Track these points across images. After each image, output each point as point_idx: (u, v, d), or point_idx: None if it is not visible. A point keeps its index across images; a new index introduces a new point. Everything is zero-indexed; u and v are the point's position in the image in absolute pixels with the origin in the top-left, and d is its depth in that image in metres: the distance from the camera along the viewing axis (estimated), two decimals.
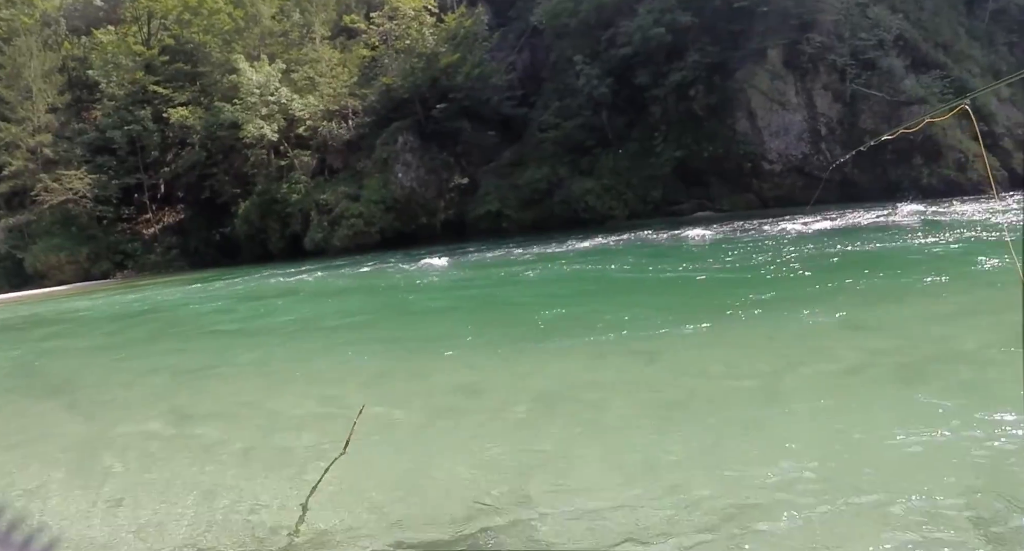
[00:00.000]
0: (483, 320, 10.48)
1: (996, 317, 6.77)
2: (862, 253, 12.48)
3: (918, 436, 4.06)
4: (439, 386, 6.54)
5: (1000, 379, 4.90)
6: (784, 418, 4.65)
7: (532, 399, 5.75)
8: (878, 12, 28.12)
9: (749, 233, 18.53)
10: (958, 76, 28.57)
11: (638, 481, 3.91)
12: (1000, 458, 3.68)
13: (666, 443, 4.42)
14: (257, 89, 31.94)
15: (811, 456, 3.95)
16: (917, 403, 4.65)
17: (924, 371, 5.45)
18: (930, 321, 7.08)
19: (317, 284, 19.42)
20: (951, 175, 27.08)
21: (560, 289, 12.75)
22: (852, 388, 5.15)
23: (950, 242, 12.48)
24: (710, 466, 3.98)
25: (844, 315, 7.50)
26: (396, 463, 4.59)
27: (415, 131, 29.99)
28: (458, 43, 30.28)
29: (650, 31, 27.12)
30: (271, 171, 32.37)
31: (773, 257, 12.88)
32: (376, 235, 29.12)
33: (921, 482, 3.50)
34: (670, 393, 5.51)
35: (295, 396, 6.77)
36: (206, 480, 4.63)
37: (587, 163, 27.84)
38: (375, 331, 10.67)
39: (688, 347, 6.94)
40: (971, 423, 4.14)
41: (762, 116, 27.21)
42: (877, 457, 3.86)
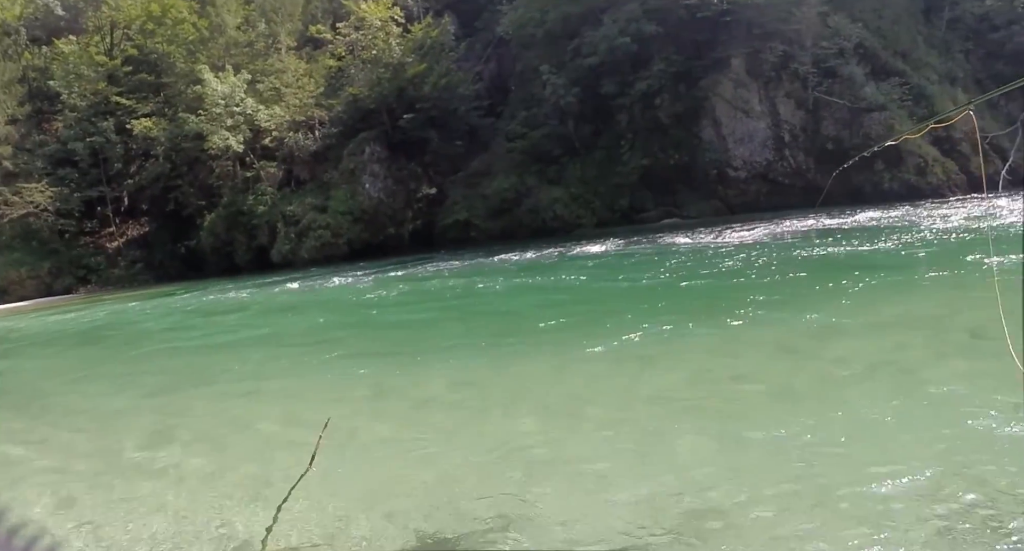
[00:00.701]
0: (448, 331, 10.44)
1: (964, 317, 6.91)
2: (834, 257, 12.64)
3: (887, 435, 4.09)
4: (405, 398, 6.51)
5: (967, 378, 4.99)
6: (755, 419, 4.69)
7: (500, 409, 5.75)
8: (838, 21, 28.64)
9: (717, 239, 18.70)
10: (917, 83, 29.19)
11: (610, 485, 3.92)
12: (971, 455, 3.71)
13: (636, 450, 4.43)
14: (222, 100, 31.53)
15: (780, 457, 3.97)
16: (885, 403, 4.68)
17: (892, 371, 5.50)
18: (900, 322, 7.15)
19: (283, 297, 19.18)
20: (911, 179, 27.62)
21: (528, 298, 12.74)
22: (822, 390, 5.19)
23: (920, 244, 12.70)
24: (682, 468, 4.00)
25: (815, 318, 7.58)
26: (363, 477, 4.56)
27: (382, 141, 29.83)
28: (424, 53, 30.22)
29: (616, 41, 27.30)
30: (237, 183, 31.95)
31: (742, 263, 13.00)
32: (344, 246, 28.85)
33: (893, 481, 3.51)
34: (643, 401, 5.53)
35: (261, 412, 6.68)
36: (172, 499, 4.55)
37: (554, 172, 27.90)
38: (340, 345, 10.56)
39: (659, 353, 6.98)
40: (939, 421, 4.20)
41: (727, 124, 27.50)
42: (848, 457, 3.88)
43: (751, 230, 19.60)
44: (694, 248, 17.58)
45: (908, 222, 17.62)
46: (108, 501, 4.69)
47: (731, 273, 12.01)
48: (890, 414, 4.45)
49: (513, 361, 7.44)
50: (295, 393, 7.33)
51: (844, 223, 19.00)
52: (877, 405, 4.62)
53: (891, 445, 3.96)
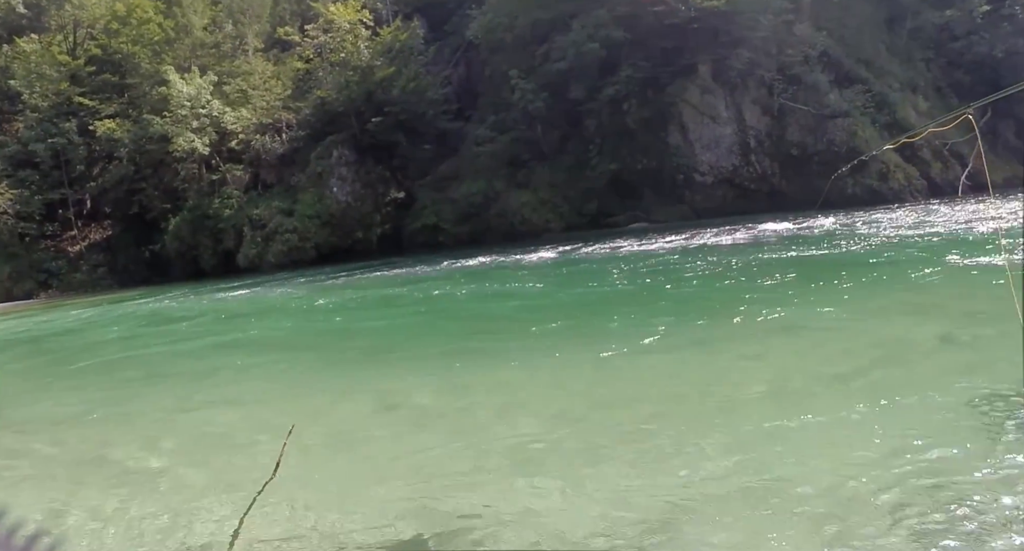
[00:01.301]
0: (416, 336, 10.37)
1: (932, 317, 7.03)
2: (803, 259, 12.80)
3: (854, 436, 4.12)
4: (371, 403, 6.41)
5: (934, 378, 5.06)
6: (726, 422, 4.70)
7: (469, 412, 5.71)
8: (803, 29, 29.11)
9: (686, 243, 18.84)
10: (879, 90, 29.77)
11: (583, 486, 3.90)
12: (940, 458, 3.74)
13: (609, 452, 4.42)
14: (188, 102, 31.10)
15: (749, 460, 3.98)
16: (853, 404, 4.72)
17: (860, 372, 5.55)
18: (869, 323, 7.23)
19: (248, 302, 18.91)
20: (874, 185, 28.10)
21: (496, 303, 12.68)
22: (789, 391, 5.23)
23: (892, 247, 12.91)
24: (651, 471, 4.01)
25: (781, 318, 7.64)
26: (329, 483, 4.48)
27: (350, 145, 29.61)
28: (393, 57, 30.08)
29: (584, 46, 27.43)
30: (202, 186, 31.49)
31: (713, 267, 13.11)
32: (312, 251, 28.57)
33: (856, 481, 3.53)
34: (614, 403, 5.52)
35: (223, 419, 6.54)
36: (134, 511, 4.41)
37: (523, 176, 27.93)
38: (305, 350, 10.44)
39: (629, 356, 6.96)
40: (907, 423, 4.21)
41: (693, 129, 27.75)
42: (814, 459, 3.90)
43: (719, 234, 19.80)
44: (663, 252, 17.71)
45: (875, 226, 17.97)
46: (65, 509, 4.56)
47: (702, 277, 12.11)
48: (856, 419, 4.48)
49: (481, 365, 7.43)
50: (259, 399, 7.21)
51: (814, 227, 19.27)
52: (843, 410, 4.66)
53: (857, 451, 3.97)
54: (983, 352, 5.79)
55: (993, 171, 31.44)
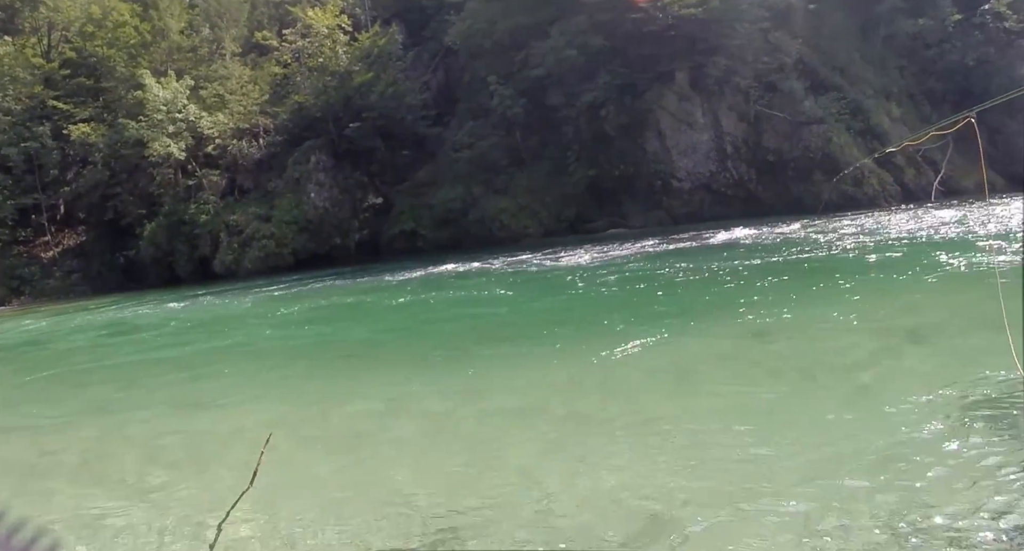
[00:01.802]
0: (393, 344, 10.34)
1: (894, 321, 7.10)
2: (780, 264, 12.93)
3: (819, 437, 4.16)
4: (348, 412, 6.39)
5: (893, 380, 5.14)
6: (695, 426, 4.73)
7: (447, 420, 5.70)
8: (779, 37, 29.41)
9: (662, 249, 18.97)
10: (854, 98, 30.16)
11: (555, 491, 3.90)
12: (899, 459, 3.79)
13: (582, 456, 4.43)
14: (164, 106, 30.78)
15: (716, 464, 4.00)
16: (820, 405, 4.79)
17: (825, 375, 5.59)
18: (832, 327, 7.29)
19: (224, 309, 18.75)
20: (848, 190, 28.41)
21: (473, 309, 12.68)
22: (755, 395, 5.25)
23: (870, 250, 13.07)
24: (620, 476, 4.02)
25: (748, 323, 7.70)
26: (307, 494, 4.43)
27: (328, 150, 29.45)
28: (372, 62, 29.97)
29: (563, 53, 27.52)
30: (178, 191, 31.15)
31: (688, 272, 13.19)
32: (289, 257, 28.35)
33: (824, 483, 3.55)
34: (590, 408, 5.55)
35: (199, 429, 6.48)
36: (108, 521, 4.34)
37: (501, 182, 27.94)
38: (282, 359, 10.38)
39: (604, 361, 7.01)
40: (868, 425, 4.28)
41: (671, 136, 27.93)
42: (780, 462, 3.91)
43: (696, 240, 19.95)
44: (640, 258, 17.83)
45: (850, 230, 18.23)
46: (38, 519, 4.42)
47: (679, 283, 12.23)
48: (828, 419, 4.51)
49: (458, 372, 7.44)
50: (235, 407, 7.16)
51: (790, 232, 19.46)
52: (813, 412, 4.69)
53: (828, 451, 4.00)
54: (954, 354, 5.93)
55: (964, 176, 31.96)
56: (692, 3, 26.84)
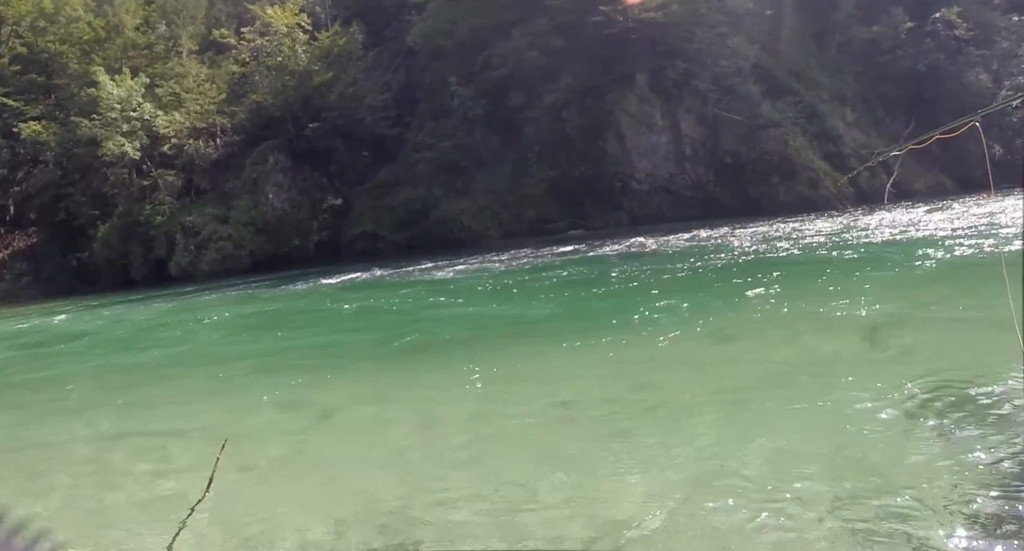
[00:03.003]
0: (355, 346, 10.14)
1: (859, 320, 7.25)
2: (739, 264, 13.09)
3: (783, 440, 4.16)
4: (307, 415, 6.21)
5: (854, 381, 5.15)
6: (655, 430, 4.72)
7: (410, 423, 5.61)
8: (737, 42, 29.87)
9: (621, 250, 19.09)
10: (809, 102, 30.78)
11: (524, 495, 3.88)
12: (867, 459, 3.81)
13: (548, 460, 4.41)
14: (118, 104, 30.10)
15: (681, 468, 4.00)
16: (781, 407, 4.78)
17: (785, 377, 5.64)
18: (790, 331, 7.39)
19: (179, 313, 18.32)
20: (805, 192, 28.96)
21: (431, 312, 12.57)
22: (717, 398, 5.27)
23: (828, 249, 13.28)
24: (591, 477, 4.00)
25: (711, 324, 7.79)
26: (265, 500, 4.28)
27: (287, 151, 29.06)
28: (332, 61, 29.68)
29: (524, 54, 27.58)
30: (133, 191, 30.44)
31: (647, 273, 13.29)
32: (246, 259, 27.90)
33: (791, 485, 3.56)
34: (555, 412, 5.49)
35: (151, 436, 6.20)
36: (56, 535, 4.09)
37: (462, 183, 27.89)
38: (238, 362, 10.06)
39: (565, 365, 6.96)
40: (834, 425, 4.28)
41: (631, 138, 28.16)
42: (745, 464, 3.92)
43: (654, 241, 20.13)
44: (599, 259, 17.94)
45: (806, 231, 18.59)
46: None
47: (638, 284, 12.28)
48: (792, 421, 4.54)
49: (416, 376, 7.34)
50: (189, 415, 6.91)
51: (747, 233, 19.73)
52: (776, 413, 4.71)
53: (792, 454, 4.03)
54: (915, 352, 6.04)
55: (917, 179, 32.87)
56: (652, 7, 27.14)
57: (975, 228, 14.60)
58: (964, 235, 13.48)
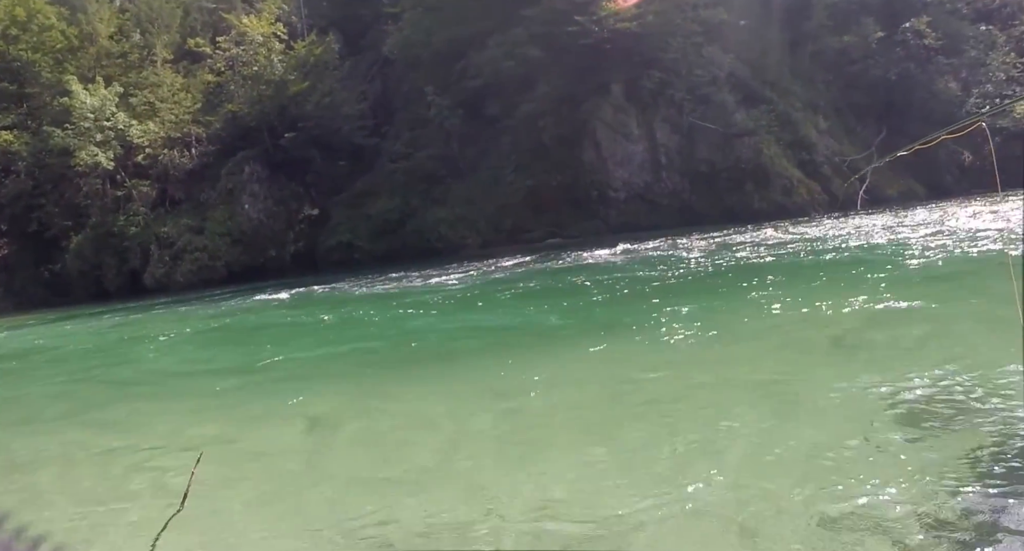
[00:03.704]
0: (326, 357, 10.11)
1: (831, 324, 7.36)
2: (715, 271, 13.22)
3: (762, 441, 4.22)
4: (279, 430, 6.17)
5: (812, 386, 5.25)
6: (634, 434, 4.77)
7: (387, 434, 5.62)
8: (712, 52, 30.20)
9: (598, 258, 19.19)
10: (783, 110, 31.16)
11: (498, 500, 3.91)
12: (833, 460, 3.86)
13: (522, 466, 4.44)
14: (91, 113, 29.78)
15: (656, 472, 4.06)
16: (760, 409, 4.85)
17: (766, 379, 5.73)
18: (773, 331, 7.47)
19: (152, 325, 18.13)
20: (779, 199, 29.30)
21: (409, 322, 12.53)
22: (698, 402, 5.35)
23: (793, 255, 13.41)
24: (567, 482, 4.06)
25: (688, 331, 7.85)
26: (240, 515, 4.26)
27: (262, 160, 28.92)
28: (308, 71, 29.61)
29: (500, 64, 27.71)
30: (107, 202, 30.11)
31: (624, 281, 13.39)
32: (222, 269, 27.69)
33: (768, 486, 3.59)
34: (528, 418, 5.54)
35: (124, 450, 6.16)
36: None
37: (439, 193, 27.91)
38: (211, 373, 10.05)
39: (539, 371, 7.00)
40: (793, 432, 4.35)
41: (607, 146, 28.36)
42: (724, 465, 3.98)
43: (631, 249, 20.25)
44: (577, 267, 18.02)
45: (784, 237, 18.82)
46: None
47: (615, 291, 12.39)
48: (761, 427, 4.60)
49: (400, 388, 7.35)
50: (164, 429, 6.84)
51: (723, 240, 19.90)
52: (747, 420, 4.76)
53: (762, 458, 4.07)
54: (882, 353, 6.17)
55: (888, 185, 33.33)
56: (628, 17, 27.40)
57: (959, 231, 14.96)
58: (939, 239, 13.72)
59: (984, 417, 4.26)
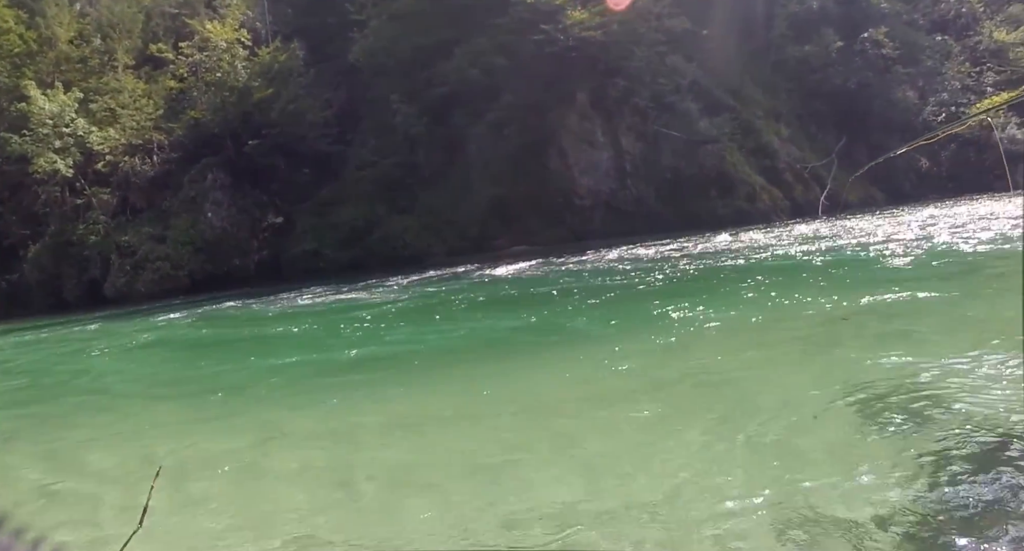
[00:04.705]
0: (289, 368, 9.99)
1: (783, 333, 7.54)
2: (677, 276, 13.39)
3: (706, 456, 4.27)
4: (244, 444, 6.10)
5: (770, 391, 5.34)
6: (597, 441, 4.81)
7: (344, 450, 5.57)
8: (675, 60, 30.65)
9: (563, 265, 19.30)
10: (746, 118, 31.74)
11: (465, 508, 3.93)
12: (789, 464, 3.91)
13: (489, 473, 4.46)
14: (50, 119, 29.22)
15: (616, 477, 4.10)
16: (701, 416, 4.93)
17: (722, 384, 5.81)
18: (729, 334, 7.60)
19: (115, 336, 17.82)
20: (742, 206, 29.79)
21: (374, 333, 12.48)
22: (650, 409, 5.38)
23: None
24: (531, 491, 4.09)
25: (656, 336, 7.94)
26: (201, 532, 4.18)
27: (226, 168, 28.60)
28: (272, 77, 29.36)
29: (466, 72, 27.76)
30: (66, 210, 29.54)
31: (589, 289, 13.51)
32: (185, 279, 27.32)
33: (730, 492, 3.63)
34: (497, 424, 5.57)
35: (79, 466, 6.05)
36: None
37: (405, 201, 27.87)
38: (167, 388, 9.88)
39: (502, 377, 7.13)
40: (751, 439, 4.38)
41: (572, 154, 28.59)
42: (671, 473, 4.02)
43: (597, 256, 20.44)
44: (543, 274, 18.14)
45: (746, 243, 19.14)
46: None
47: (579, 299, 12.47)
48: (726, 429, 4.66)
49: (363, 399, 7.32)
50: (121, 444, 6.71)
51: (687, 246, 20.11)
52: (709, 422, 4.84)
53: (727, 460, 4.14)
54: (843, 352, 6.33)
55: (849, 192, 33.83)
56: (593, 26, 27.67)
57: (920, 234, 15.40)
58: (899, 243, 14.07)
59: (948, 412, 4.38)
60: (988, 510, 3.13)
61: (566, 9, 27.52)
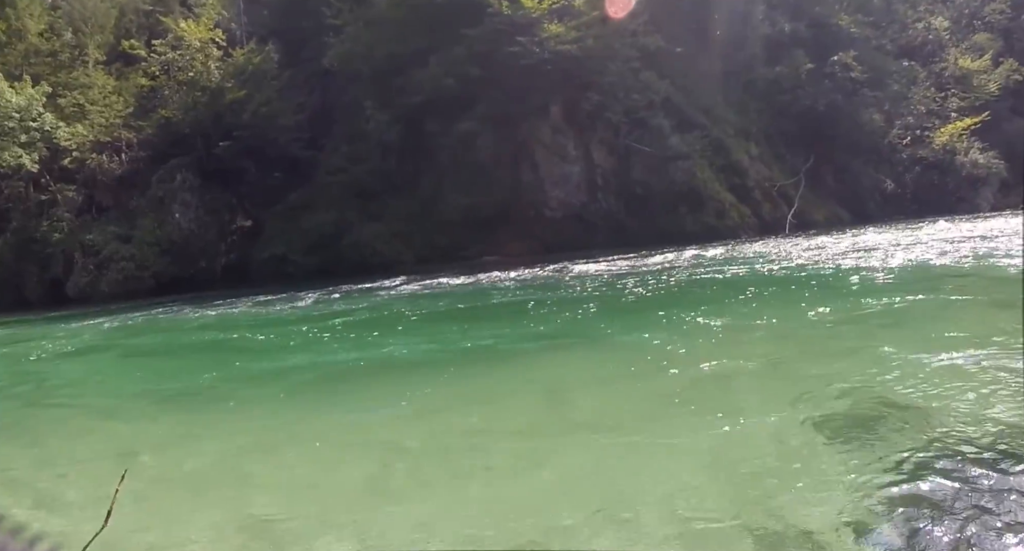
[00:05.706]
0: (250, 375, 9.94)
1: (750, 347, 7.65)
2: (650, 290, 13.58)
3: (676, 464, 4.35)
4: (208, 447, 6.09)
5: (748, 400, 5.46)
6: (567, 453, 4.86)
7: (310, 455, 5.58)
8: (648, 77, 31.06)
9: (532, 277, 19.44)
10: (717, 136, 32.27)
11: (433, 522, 3.94)
12: (762, 475, 3.98)
13: (455, 483, 4.51)
14: (16, 113, 28.61)
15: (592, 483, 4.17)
16: (675, 428, 5.02)
17: (692, 393, 5.89)
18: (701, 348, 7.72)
19: (72, 339, 17.56)
20: (711, 222, 30.26)
21: (339, 343, 12.46)
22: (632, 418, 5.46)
23: None
24: (499, 504, 4.10)
25: (624, 347, 8.11)
26: (167, 531, 4.19)
27: (195, 169, 28.33)
28: (246, 79, 29.17)
29: (440, 81, 27.86)
30: (29, 206, 29.02)
31: (558, 300, 13.63)
32: (150, 280, 26.99)
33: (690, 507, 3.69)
34: (468, 433, 5.61)
35: (41, 464, 6.01)
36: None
37: (376, 208, 27.86)
38: (129, 390, 9.77)
39: (481, 384, 7.18)
40: (730, 447, 4.48)
41: (544, 166, 28.84)
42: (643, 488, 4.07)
43: (565, 268, 20.59)
44: (512, 285, 18.23)
45: (706, 259, 19.42)
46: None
47: (549, 309, 12.59)
48: (694, 443, 4.74)
49: (328, 406, 7.34)
50: (83, 442, 6.68)
51: (654, 261, 20.34)
52: (676, 435, 4.91)
53: (696, 470, 4.22)
54: (810, 370, 6.40)
55: (815, 210, 34.59)
56: (568, 40, 27.97)
57: (886, 252, 15.80)
58: (864, 259, 14.42)
59: (915, 423, 4.44)
60: (965, 519, 3.19)
61: (543, 22, 27.79)
